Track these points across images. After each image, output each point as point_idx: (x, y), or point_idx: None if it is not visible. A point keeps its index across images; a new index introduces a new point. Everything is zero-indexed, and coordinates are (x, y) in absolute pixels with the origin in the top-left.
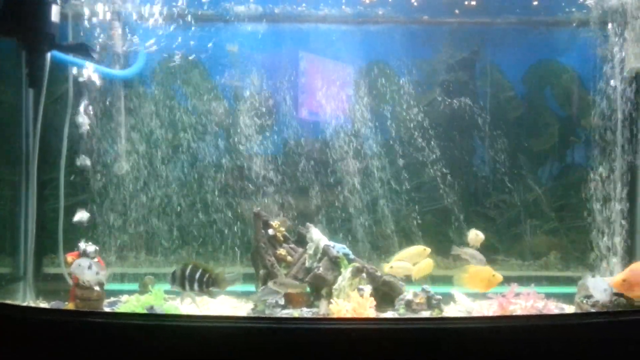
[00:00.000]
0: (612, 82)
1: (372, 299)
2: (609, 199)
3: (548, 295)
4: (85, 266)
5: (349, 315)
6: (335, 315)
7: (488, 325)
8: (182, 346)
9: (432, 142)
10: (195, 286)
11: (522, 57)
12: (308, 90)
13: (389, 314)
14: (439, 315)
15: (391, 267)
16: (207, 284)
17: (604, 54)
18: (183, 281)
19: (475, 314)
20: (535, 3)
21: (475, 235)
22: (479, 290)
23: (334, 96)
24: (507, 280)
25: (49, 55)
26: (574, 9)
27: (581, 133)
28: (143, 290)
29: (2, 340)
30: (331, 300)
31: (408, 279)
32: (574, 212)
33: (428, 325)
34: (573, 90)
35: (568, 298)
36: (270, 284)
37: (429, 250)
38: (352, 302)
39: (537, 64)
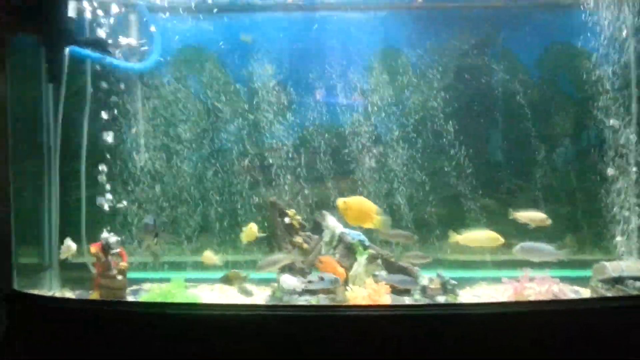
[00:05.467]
0: (627, 63)
1: (388, 285)
2: (624, 182)
3: (563, 279)
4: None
5: (365, 302)
6: (351, 302)
7: (503, 311)
8: (202, 333)
9: (445, 128)
10: None
11: (536, 41)
12: (322, 77)
13: (405, 300)
14: (454, 300)
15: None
16: None
17: (619, 35)
18: None
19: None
20: None
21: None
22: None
23: (348, 84)
24: (527, 264)
25: (67, 50)
26: None
27: (597, 116)
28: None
29: (31, 329)
30: (347, 287)
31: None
32: (589, 195)
33: (443, 311)
34: (588, 73)
35: (583, 281)
36: None
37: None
38: (367, 289)
39: (552, 47)
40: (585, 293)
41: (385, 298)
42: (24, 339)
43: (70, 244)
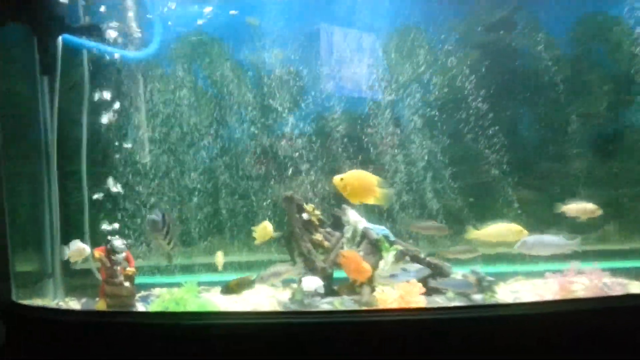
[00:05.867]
0: None
1: (421, 284)
2: None
3: (608, 271)
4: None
5: (396, 305)
6: (381, 306)
7: (552, 311)
8: (222, 345)
9: (471, 110)
10: None
11: (568, 11)
12: (336, 61)
13: (438, 300)
14: (493, 299)
15: None
16: None
17: None
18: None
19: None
20: None
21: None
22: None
23: (364, 66)
24: (561, 256)
25: (60, 39)
26: None
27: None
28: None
29: (31, 344)
30: (375, 287)
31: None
32: (631, 178)
33: (487, 313)
34: (626, 45)
35: (630, 273)
36: None
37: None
38: (399, 289)
39: (585, 18)
40: (633, 287)
41: (419, 299)
42: (23, 355)
43: (80, 247)
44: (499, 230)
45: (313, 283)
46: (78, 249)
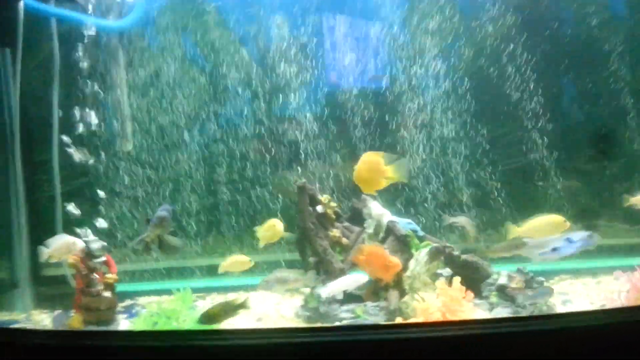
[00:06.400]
0: None
1: (464, 288)
2: None
3: None
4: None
5: (440, 316)
6: (423, 318)
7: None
8: None
9: (506, 83)
10: None
11: None
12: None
13: (479, 304)
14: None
15: None
16: None
17: None
18: None
19: None
20: None
21: None
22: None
23: (381, 38)
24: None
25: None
26: None
27: None
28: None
29: None
30: (406, 291)
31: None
32: None
33: (554, 325)
34: None
35: None
36: None
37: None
38: (440, 296)
39: None
40: None
41: (467, 308)
42: None
43: (69, 241)
44: (542, 224)
45: (339, 286)
46: (65, 244)
